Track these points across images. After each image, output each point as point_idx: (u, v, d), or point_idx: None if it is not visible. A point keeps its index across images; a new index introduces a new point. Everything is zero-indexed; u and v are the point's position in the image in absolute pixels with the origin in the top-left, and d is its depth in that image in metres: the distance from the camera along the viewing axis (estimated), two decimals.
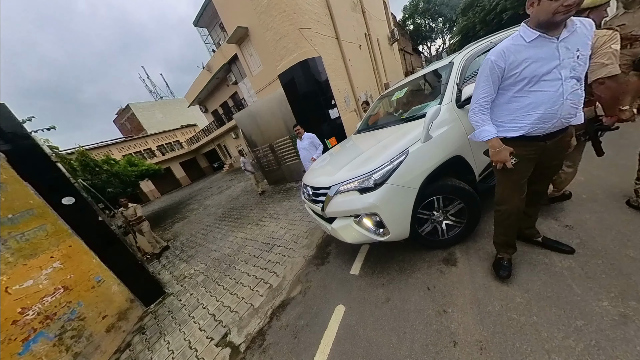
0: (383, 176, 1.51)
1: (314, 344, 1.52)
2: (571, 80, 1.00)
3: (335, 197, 1.72)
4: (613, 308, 1.10)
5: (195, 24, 12.25)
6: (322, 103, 4.84)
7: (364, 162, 1.72)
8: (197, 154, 22.44)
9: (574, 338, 1.04)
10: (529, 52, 1.01)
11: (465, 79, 1.91)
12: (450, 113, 1.77)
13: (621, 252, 1.33)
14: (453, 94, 1.82)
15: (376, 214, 1.52)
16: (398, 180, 1.50)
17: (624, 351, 0.95)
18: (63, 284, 2.14)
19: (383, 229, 1.56)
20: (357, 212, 1.61)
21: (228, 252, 3.38)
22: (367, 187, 1.55)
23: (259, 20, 5.20)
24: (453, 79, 1.88)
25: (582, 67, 1.01)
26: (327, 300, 1.83)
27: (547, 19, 0.92)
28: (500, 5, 16.97)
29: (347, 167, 1.81)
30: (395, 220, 1.56)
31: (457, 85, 1.84)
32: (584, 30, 0.98)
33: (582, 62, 0.99)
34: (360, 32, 8.05)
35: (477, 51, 2.09)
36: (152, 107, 24.28)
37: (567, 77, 0.99)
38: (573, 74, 0.99)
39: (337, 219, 1.76)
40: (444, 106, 1.78)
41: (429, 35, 36.78)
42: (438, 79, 2.17)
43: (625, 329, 1.01)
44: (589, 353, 0.98)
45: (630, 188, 1.63)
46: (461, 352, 1.16)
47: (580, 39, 0.98)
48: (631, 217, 1.52)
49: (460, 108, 1.77)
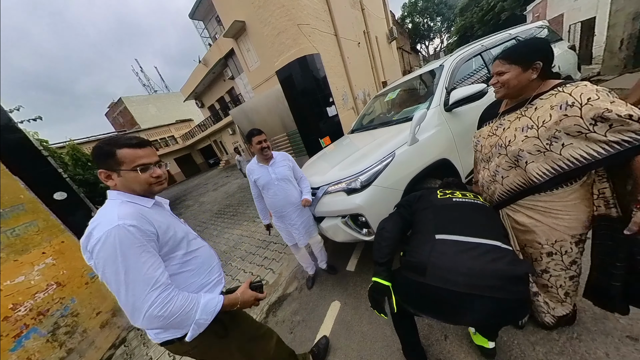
0: (369, 178, 1.53)
1: (309, 339, 1.55)
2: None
3: (324, 198, 1.73)
4: None
5: (191, 17, 11.95)
6: (320, 100, 4.82)
7: (353, 163, 1.73)
8: (193, 150, 22.10)
9: (557, 331, 1.09)
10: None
11: (454, 83, 1.93)
12: (437, 116, 1.78)
13: None
14: (442, 97, 1.84)
15: (362, 214, 1.54)
16: (384, 182, 1.52)
17: (603, 343, 1.00)
18: (56, 280, 2.11)
19: (369, 229, 1.58)
20: (344, 212, 1.62)
21: (224, 248, 3.38)
22: (354, 189, 1.56)
23: (256, 15, 5.12)
24: (442, 83, 1.89)
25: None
26: (323, 296, 1.86)
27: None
28: (498, 6, 17.10)
29: (337, 167, 1.82)
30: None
31: (445, 89, 1.86)
32: None
33: None
34: (359, 29, 8.00)
35: (468, 54, 2.10)
36: (146, 101, 23.70)
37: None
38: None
39: (326, 218, 1.77)
40: (432, 109, 1.80)
41: (427, 35, 36.85)
42: (429, 82, 2.19)
43: (605, 322, 1.07)
44: (571, 345, 1.03)
45: None
46: (452, 345, 1.21)
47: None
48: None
49: (448, 112, 1.80)
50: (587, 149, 0.70)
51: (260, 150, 1.56)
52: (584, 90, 0.69)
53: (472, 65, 2.16)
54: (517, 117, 0.85)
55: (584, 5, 8.03)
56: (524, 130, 0.81)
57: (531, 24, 2.83)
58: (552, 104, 0.74)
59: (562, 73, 2.58)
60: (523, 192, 0.88)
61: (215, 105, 15.02)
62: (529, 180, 0.84)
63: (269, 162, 1.64)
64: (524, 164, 0.83)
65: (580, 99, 0.68)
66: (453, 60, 2.00)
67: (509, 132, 0.86)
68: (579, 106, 0.68)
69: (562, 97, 0.72)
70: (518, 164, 0.85)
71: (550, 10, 9.76)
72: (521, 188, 0.88)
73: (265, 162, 1.64)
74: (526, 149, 0.80)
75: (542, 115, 0.76)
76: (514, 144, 0.83)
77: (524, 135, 0.80)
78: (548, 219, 0.87)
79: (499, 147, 0.90)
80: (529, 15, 11.27)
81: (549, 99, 0.76)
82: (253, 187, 1.74)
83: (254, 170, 1.65)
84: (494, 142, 0.93)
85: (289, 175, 1.68)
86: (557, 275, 0.95)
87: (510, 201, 0.95)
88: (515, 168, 0.87)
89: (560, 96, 0.73)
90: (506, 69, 0.81)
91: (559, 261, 0.92)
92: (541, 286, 1.03)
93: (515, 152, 0.83)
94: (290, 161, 1.74)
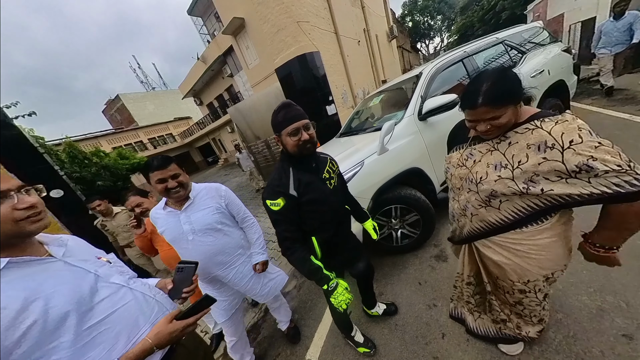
0: None
1: (307, 337, 1.56)
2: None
3: None
4: (591, 302, 1.16)
5: (189, 13, 11.81)
6: (320, 99, 4.81)
7: None
8: (191, 148, 21.98)
9: (554, 330, 1.10)
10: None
11: (434, 91, 1.91)
12: (411, 125, 1.78)
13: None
14: (417, 106, 1.83)
15: None
16: (351, 190, 1.50)
17: (598, 342, 1.01)
18: None
19: None
20: None
21: None
22: None
23: (256, 11, 5.07)
24: (418, 91, 1.88)
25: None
26: (322, 295, 1.86)
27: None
28: (499, 5, 17.06)
29: None
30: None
31: (421, 98, 1.84)
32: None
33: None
34: (359, 27, 7.95)
35: (448, 62, 2.05)
36: (144, 98, 23.50)
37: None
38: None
39: None
40: (406, 118, 1.80)
41: (427, 33, 36.73)
42: (409, 89, 2.15)
43: (601, 321, 1.08)
44: (567, 343, 1.04)
45: None
46: (449, 343, 1.21)
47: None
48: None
49: (423, 121, 1.79)
50: (569, 189, 0.62)
51: (166, 192, 0.97)
52: (565, 129, 0.61)
53: (453, 72, 2.10)
54: (489, 150, 0.76)
55: (584, 5, 8.01)
56: (497, 168, 0.72)
57: (521, 25, 2.71)
58: (528, 142, 0.66)
59: (552, 77, 2.46)
60: (493, 230, 0.82)
61: (214, 103, 14.92)
62: (501, 219, 0.78)
63: (182, 205, 1.05)
64: (497, 204, 0.76)
65: (562, 141, 0.60)
66: (431, 68, 1.98)
67: (479, 167, 0.78)
68: (559, 149, 0.60)
69: (540, 135, 0.64)
70: (490, 203, 0.77)
71: (550, 10, 9.75)
72: (491, 227, 0.82)
73: (176, 206, 1.05)
74: (500, 190, 0.72)
75: (518, 155, 0.68)
76: (485, 183, 0.75)
77: (496, 174, 0.72)
78: (518, 259, 0.81)
79: (469, 182, 0.82)
80: (530, 14, 11.25)
81: (524, 135, 0.67)
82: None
83: (157, 219, 1.06)
84: (463, 174, 0.85)
85: (215, 222, 1.08)
86: (531, 308, 0.92)
87: (479, 237, 0.89)
88: (486, 207, 0.79)
89: (538, 134, 0.64)
90: (501, 112, 0.67)
91: (533, 298, 0.88)
92: (515, 314, 0.99)
93: (487, 192, 0.75)
94: (223, 198, 1.15)
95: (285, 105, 0.85)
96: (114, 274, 0.66)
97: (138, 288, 0.69)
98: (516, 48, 2.43)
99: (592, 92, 4.27)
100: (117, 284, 0.64)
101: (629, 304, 1.09)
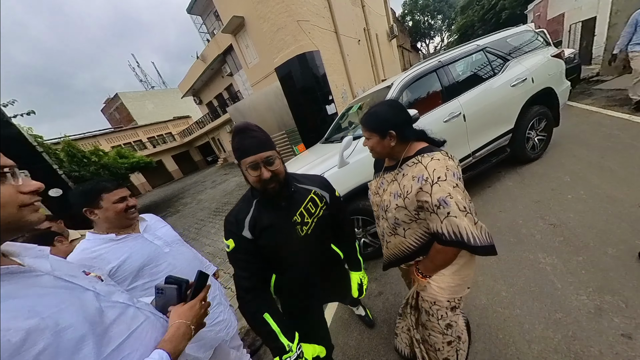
0: None
1: None
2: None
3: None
4: (590, 302, 1.16)
5: (188, 11, 11.76)
6: (320, 98, 4.80)
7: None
8: (190, 147, 21.94)
9: (553, 329, 1.11)
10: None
11: (405, 103, 1.90)
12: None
13: (600, 249, 1.40)
14: None
15: None
16: None
17: (597, 342, 1.02)
18: None
19: None
20: None
21: (222, 246, 3.37)
22: None
23: (255, 10, 5.05)
24: None
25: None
26: None
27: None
28: (499, 5, 17.05)
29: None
30: None
31: None
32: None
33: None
34: (359, 26, 7.94)
35: (420, 72, 2.01)
36: (143, 97, 23.43)
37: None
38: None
39: None
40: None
41: (427, 33, 36.68)
42: (381, 99, 2.12)
43: (600, 320, 1.08)
44: (566, 343, 1.05)
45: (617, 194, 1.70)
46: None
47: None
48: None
49: None
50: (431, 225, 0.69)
51: (124, 212, 0.89)
52: (436, 166, 0.67)
53: (425, 83, 2.05)
54: (392, 180, 0.80)
55: (585, 5, 8.02)
56: (395, 197, 0.77)
57: (508, 30, 2.50)
58: (413, 174, 0.71)
59: (537, 85, 2.27)
60: (405, 257, 0.86)
61: (214, 102, 14.88)
62: (408, 247, 0.82)
63: (136, 228, 0.95)
64: (402, 232, 0.80)
65: (433, 176, 0.66)
66: (402, 79, 1.96)
67: (386, 196, 0.81)
68: (430, 183, 0.66)
69: (419, 169, 0.70)
70: (396, 231, 0.82)
71: (551, 9, 9.75)
72: (403, 254, 0.85)
73: (128, 231, 0.92)
74: (400, 218, 0.77)
75: (407, 185, 0.73)
76: (389, 211, 0.79)
77: (395, 203, 0.77)
78: (433, 281, 0.81)
79: (382, 210, 0.85)
80: (530, 14, 11.24)
81: (411, 168, 0.73)
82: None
83: (106, 253, 0.84)
84: (378, 201, 0.88)
85: (179, 235, 1.09)
86: (434, 336, 0.88)
87: (397, 263, 0.92)
88: (395, 235, 0.83)
89: (419, 168, 0.70)
90: (368, 135, 0.79)
91: (435, 324, 0.86)
92: (423, 341, 0.95)
93: (392, 220, 0.80)
94: (162, 222, 1.10)
95: (239, 130, 0.66)
96: (114, 292, 0.56)
97: (144, 307, 0.59)
98: (498, 55, 2.25)
99: (592, 92, 4.27)
100: (122, 302, 0.54)
101: (628, 304, 1.10)
